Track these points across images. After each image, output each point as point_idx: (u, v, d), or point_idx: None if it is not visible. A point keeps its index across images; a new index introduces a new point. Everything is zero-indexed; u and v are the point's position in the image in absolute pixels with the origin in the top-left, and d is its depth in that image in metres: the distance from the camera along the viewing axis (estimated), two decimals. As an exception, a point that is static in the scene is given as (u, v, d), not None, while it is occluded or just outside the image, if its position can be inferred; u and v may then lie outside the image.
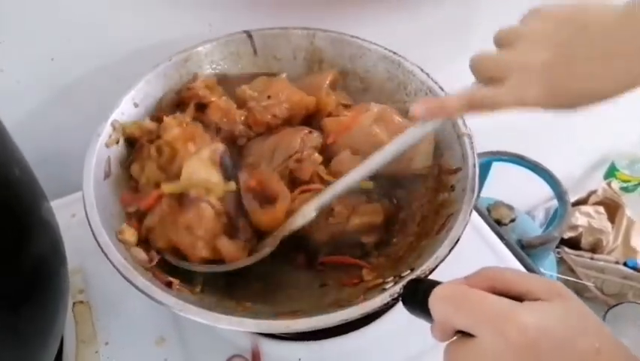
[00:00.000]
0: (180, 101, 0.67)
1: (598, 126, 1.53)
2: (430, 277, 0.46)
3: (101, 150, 0.57)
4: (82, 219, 0.51)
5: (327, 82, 0.69)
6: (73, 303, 0.63)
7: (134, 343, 0.60)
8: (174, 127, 0.60)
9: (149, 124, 0.62)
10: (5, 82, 0.69)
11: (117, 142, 0.59)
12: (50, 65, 0.70)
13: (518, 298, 0.36)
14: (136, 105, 0.63)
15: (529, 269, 0.68)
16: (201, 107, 0.65)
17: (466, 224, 0.52)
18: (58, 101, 0.75)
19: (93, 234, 0.50)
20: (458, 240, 0.50)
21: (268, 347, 0.59)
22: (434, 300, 0.38)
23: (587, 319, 0.35)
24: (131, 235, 0.53)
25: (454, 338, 0.38)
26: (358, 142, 0.62)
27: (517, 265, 0.69)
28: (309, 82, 0.71)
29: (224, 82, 0.70)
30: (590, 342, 0.33)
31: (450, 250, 0.49)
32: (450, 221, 0.53)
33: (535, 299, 0.36)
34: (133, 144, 0.62)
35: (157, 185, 0.57)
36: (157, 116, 0.64)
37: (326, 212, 0.57)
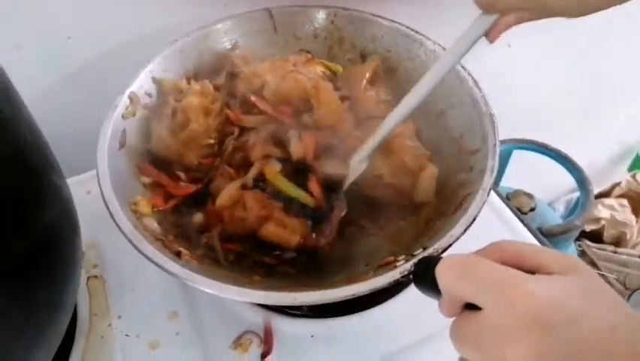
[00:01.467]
0: (218, 66, 0.68)
1: (623, 117, 1.50)
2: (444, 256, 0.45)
3: (117, 121, 0.57)
4: (96, 196, 0.51)
5: (367, 76, 0.68)
6: (88, 277, 0.63)
7: (147, 317, 0.60)
8: (195, 95, 0.61)
9: (184, 85, 0.63)
10: (21, 59, 0.69)
11: (134, 114, 0.59)
12: (66, 43, 0.71)
13: (531, 272, 0.34)
14: (154, 80, 0.63)
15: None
16: (233, 76, 0.66)
17: (484, 204, 0.50)
18: (74, 80, 0.75)
19: (104, 201, 0.50)
20: (474, 219, 0.49)
21: (281, 323, 0.58)
22: (441, 270, 0.37)
23: (603, 295, 0.34)
24: (144, 206, 0.53)
25: (462, 313, 0.37)
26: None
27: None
28: (348, 74, 0.69)
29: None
30: (605, 318, 0.31)
31: (465, 229, 0.48)
32: (467, 201, 0.52)
33: (550, 274, 0.34)
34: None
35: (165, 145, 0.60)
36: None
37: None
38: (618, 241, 1.62)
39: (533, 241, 0.68)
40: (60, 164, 0.50)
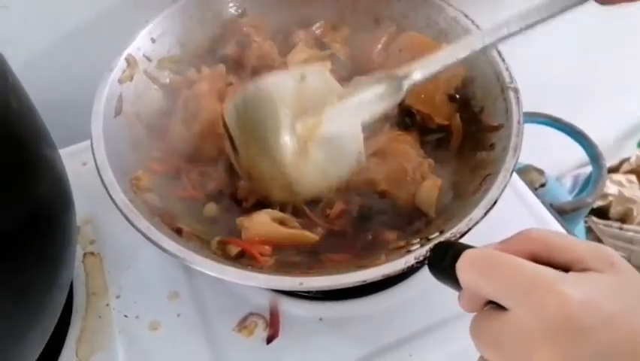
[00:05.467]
0: (224, 35, 0.64)
1: (632, 92, 1.46)
2: (462, 241, 0.42)
3: (114, 85, 0.54)
4: (93, 168, 0.48)
5: (382, 41, 0.63)
6: (84, 254, 0.60)
7: (147, 297, 0.57)
8: (205, 80, 0.57)
9: (193, 74, 0.59)
10: (10, 20, 0.64)
11: (131, 79, 0.56)
12: (58, 3, 0.66)
13: (563, 266, 0.31)
14: (153, 40, 0.59)
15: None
16: (243, 45, 0.62)
17: (506, 185, 0.47)
18: (67, 43, 0.71)
19: (97, 169, 0.47)
20: (495, 202, 0.46)
21: (288, 305, 0.56)
22: (462, 265, 0.34)
23: None
24: (148, 180, 0.50)
25: (484, 309, 0.34)
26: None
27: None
28: (360, 40, 0.65)
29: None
30: None
31: (486, 213, 0.45)
32: (487, 182, 0.48)
33: (584, 269, 0.31)
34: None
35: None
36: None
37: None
38: (624, 218, 1.60)
39: (552, 220, 0.66)
40: (53, 134, 0.47)
